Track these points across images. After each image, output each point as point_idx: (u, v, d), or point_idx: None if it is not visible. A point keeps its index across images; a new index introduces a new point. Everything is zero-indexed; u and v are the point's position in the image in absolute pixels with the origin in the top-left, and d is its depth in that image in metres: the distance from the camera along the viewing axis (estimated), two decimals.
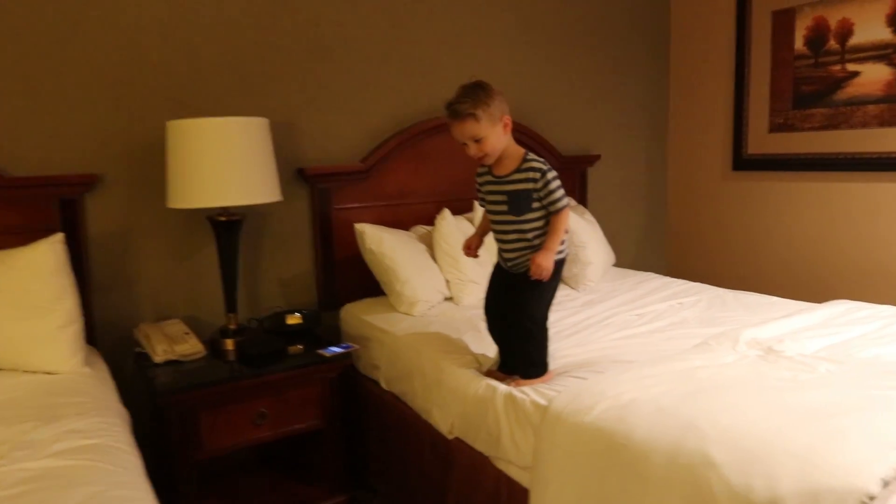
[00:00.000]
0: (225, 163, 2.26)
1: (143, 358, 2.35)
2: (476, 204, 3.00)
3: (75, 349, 2.08)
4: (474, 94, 1.90)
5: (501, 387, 1.95)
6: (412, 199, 3.06)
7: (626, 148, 3.90)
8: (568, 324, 2.45)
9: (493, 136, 1.93)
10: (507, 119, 1.96)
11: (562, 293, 2.84)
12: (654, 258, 4.11)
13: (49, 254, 2.08)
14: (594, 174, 3.73)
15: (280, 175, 2.59)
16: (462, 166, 3.14)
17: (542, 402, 1.80)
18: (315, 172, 2.79)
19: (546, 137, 3.43)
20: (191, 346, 2.35)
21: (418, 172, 3.06)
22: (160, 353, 2.30)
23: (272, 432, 2.32)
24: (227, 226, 2.43)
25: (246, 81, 2.67)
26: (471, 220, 2.96)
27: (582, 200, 3.61)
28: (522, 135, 3.24)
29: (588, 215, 3.30)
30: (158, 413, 2.19)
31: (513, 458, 1.88)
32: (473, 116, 1.89)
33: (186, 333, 2.43)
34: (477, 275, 2.76)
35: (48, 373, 2.04)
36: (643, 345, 2.18)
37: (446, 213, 2.83)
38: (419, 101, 3.07)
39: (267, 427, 2.30)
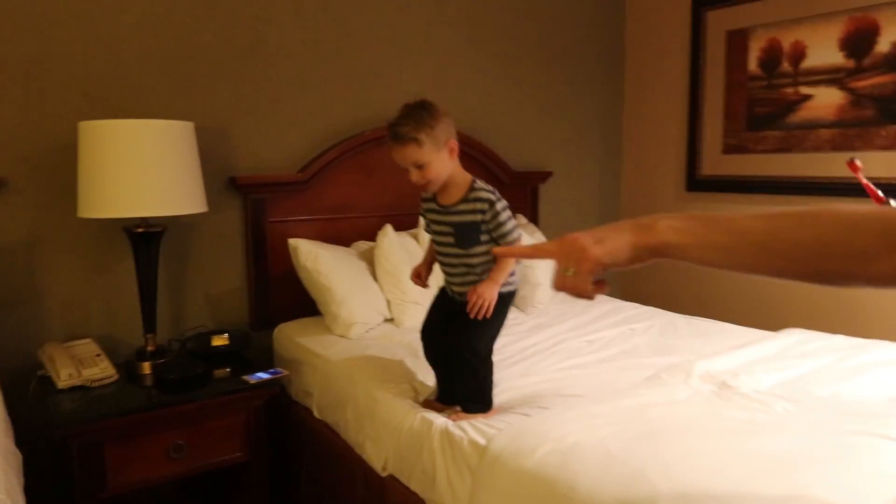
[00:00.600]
0: (142, 169, 2.06)
1: (47, 382, 2.12)
2: (420, 221, 2.85)
3: None
4: (417, 116, 1.75)
5: (438, 421, 1.79)
6: (354, 213, 2.88)
7: (579, 165, 3.80)
8: (513, 350, 2.31)
9: (437, 161, 1.78)
10: (454, 143, 1.81)
11: (509, 316, 2.69)
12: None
13: None
14: (546, 191, 3.62)
15: (209, 184, 2.40)
16: (405, 178, 2.99)
17: (481, 441, 1.65)
18: (248, 182, 2.60)
19: (497, 152, 3.31)
20: (101, 370, 2.13)
21: (362, 185, 2.89)
22: (64, 377, 2.07)
23: (188, 467, 2.11)
24: (145, 238, 2.22)
25: (173, 81, 2.47)
26: (415, 237, 2.80)
27: (533, 218, 3.50)
28: (472, 149, 3.11)
29: (539, 234, 3.18)
30: (60, 445, 1.97)
31: (448, 502, 1.72)
32: (416, 141, 1.74)
33: (97, 355, 2.21)
34: (420, 296, 2.60)
35: None
36: (592, 376, 2.05)
37: (388, 229, 2.67)
38: (364, 110, 2.91)
39: (184, 461, 2.09)
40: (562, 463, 1.45)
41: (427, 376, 2.06)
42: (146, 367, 2.23)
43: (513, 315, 2.71)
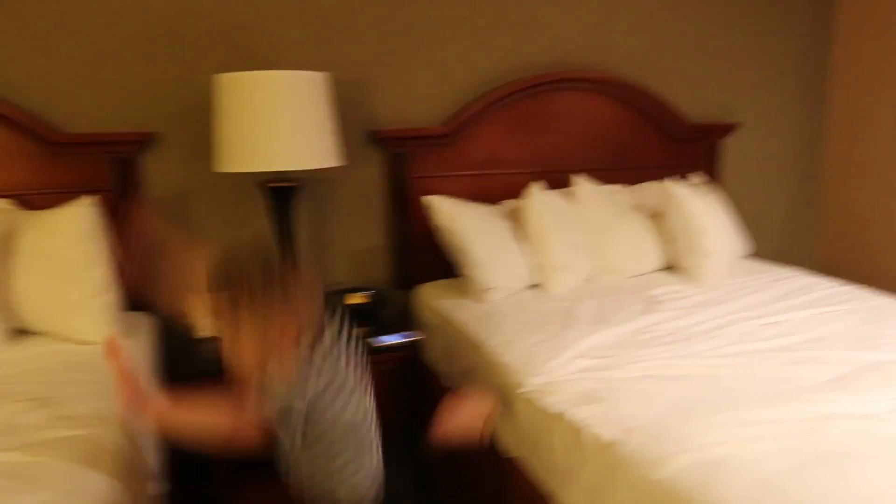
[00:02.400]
0: (275, 122, 2.01)
1: (190, 331, 2.18)
2: (575, 178, 2.58)
3: (108, 319, 1.93)
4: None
5: (564, 408, 1.56)
6: (503, 169, 2.67)
7: (772, 115, 3.25)
8: (666, 329, 1.97)
9: None
10: None
11: (672, 289, 2.36)
12: (801, 250, 3.45)
13: (80, 217, 1.93)
14: (731, 146, 3.14)
15: (349, 138, 2.33)
16: (562, 133, 2.73)
17: (607, 437, 1.40)
18: (390, 136, 2.48)
19: (670, 101, 2.90)
20: None
21: (510, 139, 2.67)
22: (203, 327, 2.11)
23: None
24: (280, 193, 2.19)
25: (312, 32, 2.39)
26: (568, 196, 2.54)
27: (714, 177, 3.05)
28: (640, 100, 2.75)
29: (717, 195, 2.75)
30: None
31: (571, 500, 1.50)
32: None
33: None
34: (569, 261, 2.35)
35: (82, 342, 1.91)
36: (760, 369, 1.68)
37: (535, 187, 2.43)
38: (513, 58, 2.66)
39: None
40: (702, 481, 1.17)
41: (560, 351, 1.81)
42: None
43: (675, 288, 2.38)
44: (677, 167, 2.87)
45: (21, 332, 1.94)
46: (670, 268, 2.60)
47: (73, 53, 2.18)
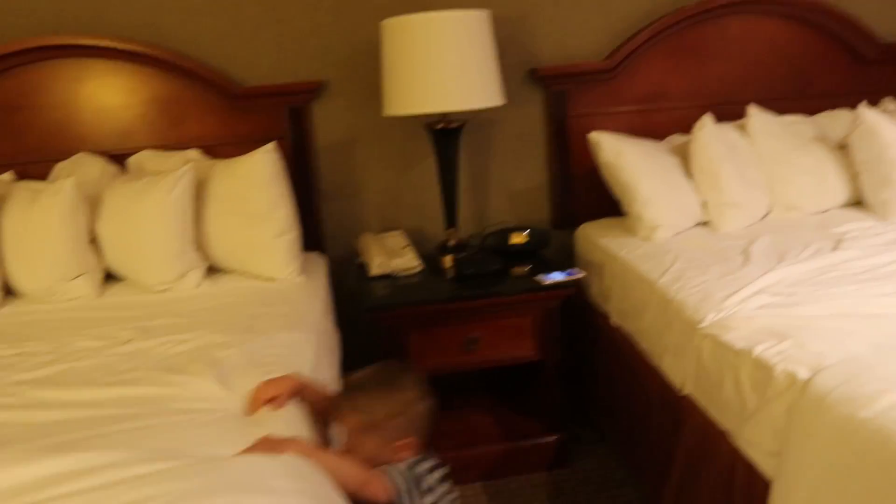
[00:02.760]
0: (438, 63, 2.04)
1: (363, 269, 2.31)
2: (750, 109, 2.40)
3: (290, 258, 2.09)
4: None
5: (749, 345, 1.49)
6: (668, 104, 2.55)
7: None
8: (859, 267, 1.80)
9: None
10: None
11: (862, 225, 2.16)
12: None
13: (264, 163, 2.08)
14: None
15: (509, 77, 2.31)
16: (734, 61, 2.55)
17: (803, 374, 1.33)
18: (549, 73, 2.44)
19: (860, 18, 2.59)
20: (406, 261, 2.25)
21: (677, 70, 2.53)
22: (376, 266, 2.23)
23: (482, 359, 2.14)
24: (445, 134, 2.23)
25: None
26: (741, 128, 2.38)
27: None
28: (825, 14, 2.50)
29: None
30: (371, 327, 2.14)
31: (754, 439, 1.45)
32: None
33: (405, 247, 2.33)
34: (742, 197, 2.22)
35: (267, 278, 2.08)
36: None
37: (706, 120, 2.30)
38: None
39: (477, 353, 2.13)
40: None
41: (728, 293, 1.72)
42: (447, 261, 2.28)
43: (867, 224, 2.18)
44: (867, 93, 2.58)
45: (214, 271, 2.14)
46: (857, 203, 2.38)
47: (251, 12, 2.32)
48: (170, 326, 1.73)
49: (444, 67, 2.03)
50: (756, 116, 2.40)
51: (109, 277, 2.12)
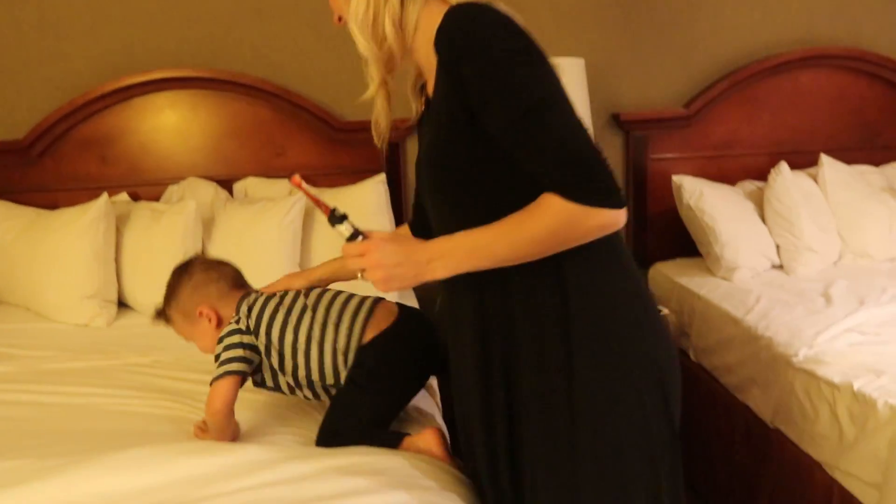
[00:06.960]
0: None
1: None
2: (822, 158, 2.51)
3: None
4: (168, 288, 1.48)
5: (848, 380, 1.58)
6: (740, 150, 2.67)
7: None
8: None
9: (198, 333, 1.46)
10: (203, 309, 1.43)
11: None
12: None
13: (374, 193, 2.22)
14: None
15: (593, 120, 2.44)
16: (805, 112, 2.67)
17: None
18: (631, 118, 2.57)
19: None
20: None
21: (750, 119, 2.66)
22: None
23: None
24: None
25: (561, 15, 2.53)
26: (813, 177, 2.49)
27: None
28: (882, 68, 2.65)
29: None
30: None
31: (852, 470, 1.53)
32: (167, 319, 1.49)
33: None
34: (817, 241, 2.32)
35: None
36: None
37: (783, 167, 2.41)
38: (756, 37, 2.64)
39: None
40: None
41: (815, 332, 1.82)
42: None
43: None
44: None
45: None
46: None
47: (355, 53, 2.48)
48: None
49: None
50: (829, 165, 2.50)
51: None
